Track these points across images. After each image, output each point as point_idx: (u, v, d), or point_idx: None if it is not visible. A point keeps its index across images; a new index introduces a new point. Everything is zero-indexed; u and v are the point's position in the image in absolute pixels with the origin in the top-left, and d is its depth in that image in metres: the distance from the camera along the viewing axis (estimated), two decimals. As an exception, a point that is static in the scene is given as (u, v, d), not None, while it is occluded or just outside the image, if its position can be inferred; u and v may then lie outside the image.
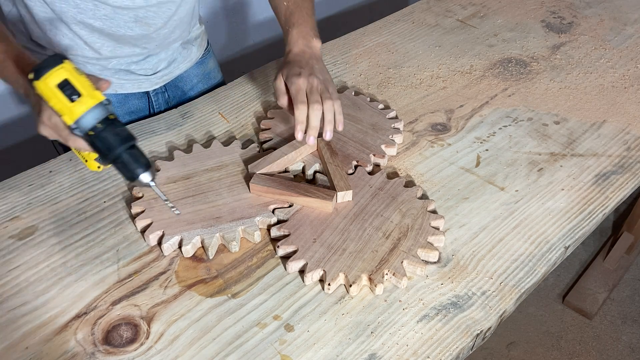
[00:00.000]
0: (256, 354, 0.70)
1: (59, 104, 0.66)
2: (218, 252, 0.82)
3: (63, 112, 0.67)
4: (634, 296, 1.86)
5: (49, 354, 0.70)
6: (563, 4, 1.44)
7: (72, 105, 0.66)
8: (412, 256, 0.80)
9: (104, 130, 0.68)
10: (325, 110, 0.87)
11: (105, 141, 0.68)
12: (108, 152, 0.69)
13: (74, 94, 0.66)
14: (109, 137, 0.68)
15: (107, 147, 0.68)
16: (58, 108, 0.67)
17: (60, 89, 0.66)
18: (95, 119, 0.67)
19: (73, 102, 0.66)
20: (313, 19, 0.99)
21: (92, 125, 0.67)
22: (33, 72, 0.66)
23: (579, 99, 1.13)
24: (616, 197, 0.93)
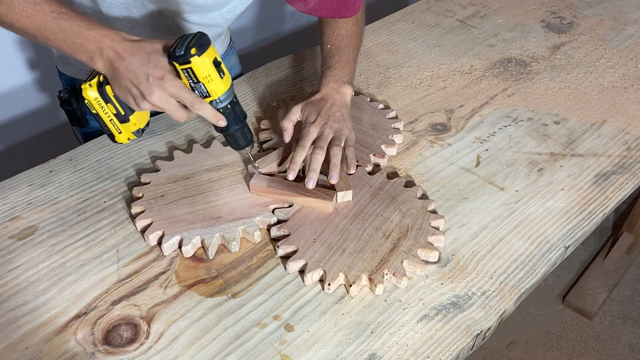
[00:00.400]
0: (256, 354, 0.70)
1: (211, 79, 0.74)
2: (218, 252, 0.82)
3: (212, 87, 0.75)
4: (634, 296, 1.86)
5: (49, 354, 0.70)
6: (563, 4, 1.44)
7: (221, 82, 0.76)
8: (412, 256, 0.80)
9: (233, 107, 0.79)
10: (330, 155, 0.87)
11: (232, 117, 0.80)
12: (230, 126, 0.81)
13: (221, 71, 0.75)
14: (236, 114, 0.80)
15: (232, 121, 0.80)
16: (207, 82, 0.74)
17: (215, 66, 0.74)
18: (231, 96, 0.78)
19: (222, 79, 0.75)
20: (352, 65, 1.00)
21: (229, 101, 0.78)
22: (194, 48, 0.72)
23: (579, 99, 1.13)
24: (616, 197, 0.93)
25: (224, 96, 0.77)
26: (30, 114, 1.51)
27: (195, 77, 0.74)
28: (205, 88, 0.75)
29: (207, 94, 0.76)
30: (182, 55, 0.72)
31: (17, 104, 1.47)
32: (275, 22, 1.93)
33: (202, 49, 0.72)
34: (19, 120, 1.50)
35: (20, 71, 1.44)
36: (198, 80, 0.74)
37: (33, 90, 1.49)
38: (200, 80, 0.74)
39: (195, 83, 0.75)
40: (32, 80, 1.46)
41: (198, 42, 0.72)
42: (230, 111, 0.79)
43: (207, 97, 0.76)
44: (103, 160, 0.95)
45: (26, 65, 1.44)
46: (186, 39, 0.73)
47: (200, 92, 0.76)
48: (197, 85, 0.75)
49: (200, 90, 0.75)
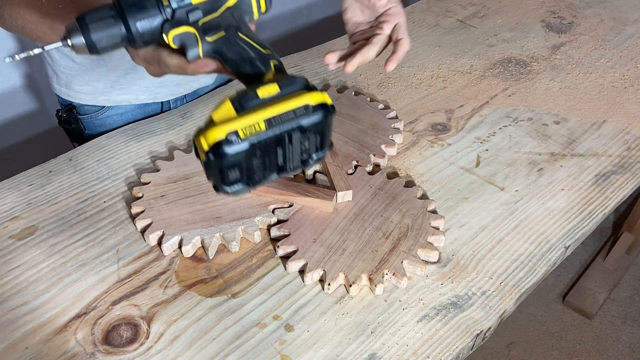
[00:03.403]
0: (256, 354, 0.70)
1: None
2: (218, 252, 0.82)
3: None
4: (634, 296, 1.86)
5: (49, 354, 0.70)
6: (563, 4, 1.44)
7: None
8: (412, 256, 0.80)
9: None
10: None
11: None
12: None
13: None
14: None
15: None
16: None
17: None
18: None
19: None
20: None
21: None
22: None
23: (579, 99, 1.13)
24: (616, 197, 0.93)
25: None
26: (30, 114, 1.51)
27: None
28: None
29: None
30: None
31: (17, 104, 1.48)
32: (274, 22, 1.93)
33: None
34: (18, 120, 1.50)
35: (20, 71, 1.44)
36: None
37: (33, 90, 1.49)
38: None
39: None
40: (31, 80, 1.47)
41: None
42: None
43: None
44: (103, 161, 0.95)
45: (26, 65, 1.44)
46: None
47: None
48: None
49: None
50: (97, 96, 1.05)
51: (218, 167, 0.51)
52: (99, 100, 1.05)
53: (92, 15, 0.58)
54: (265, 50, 0.58)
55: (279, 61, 0.59)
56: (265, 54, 0.58)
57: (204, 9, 0.59)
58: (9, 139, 1.51)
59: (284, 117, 0.51)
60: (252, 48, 0.58)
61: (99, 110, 1.07)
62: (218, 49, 0.59)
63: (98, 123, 1.07)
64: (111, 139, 1.00)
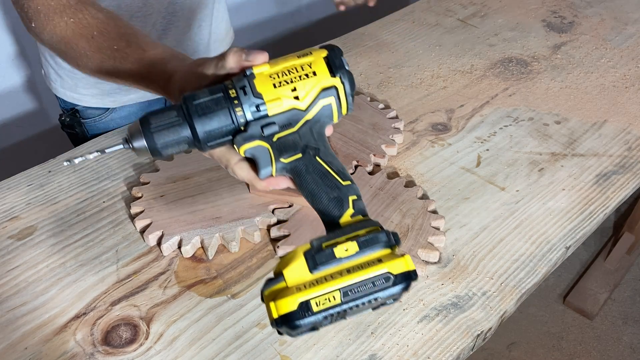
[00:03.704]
0: (256, 354, 0.70)
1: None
2: (218, 253, 0.82)
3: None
4: (635, 296, 1.85)
5: (49, 355, 0.69)
6: (564, 4, 1.44)
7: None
8: (412, 256, 0.79)
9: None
10: None
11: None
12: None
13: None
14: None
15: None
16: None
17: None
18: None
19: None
20: None
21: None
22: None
23: (580, 99, 1.13)
24: (617, 197, 0.92)
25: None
26: (30, 114, 1.51)
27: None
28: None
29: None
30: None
31: (16, 103, 1.47)
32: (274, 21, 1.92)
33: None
34: (18, 120, 1.50)
35: (20, 71, 1.43)
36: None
37: (32, 90, 1.48)
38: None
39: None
40: (31, 80, 1.46)
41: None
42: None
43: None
44: (102, 160, 0.95)
45: (26, 65, 1.44)
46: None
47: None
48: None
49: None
50: (104, 98, 1.04)
51: (286, 331, 0.46)
52: (106, 102, 1.05)
53: (157, 119, 0.53)
54: (344, 182, 0.53)
55: (358, 195, 0.53)
56: (344, 187, 0.52)
57: (280, 124, 0.53)
58: (8, 138, 1.51)
59: (362, 288, 0.45)
60: (330, 179, 0.53)
61: (103, 114, 1.07)
62: (293, 169, 0.54)
63: (101, 127, 1.07)
64: (110, 139, 1.00)
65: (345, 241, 0.47)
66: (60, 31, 0.70)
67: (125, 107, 1.07)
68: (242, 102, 0.53)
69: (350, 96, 0.55)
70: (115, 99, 1.05)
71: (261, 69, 0.53)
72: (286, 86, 0.53)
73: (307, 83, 0.53)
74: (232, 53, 0.56)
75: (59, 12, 0.70)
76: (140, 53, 0.66)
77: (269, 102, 0.53)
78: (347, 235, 0.48)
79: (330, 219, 0.51)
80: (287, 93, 0.53)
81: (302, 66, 0.54)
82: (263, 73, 0.53)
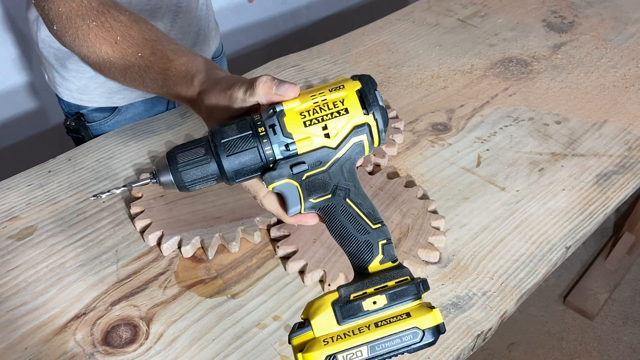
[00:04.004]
0: (256, 354, 0.70)
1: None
2: (218, 253, 0.82)
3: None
4: (635, 297, 1.85)
5: (48, 355, 0.69)
6: (564, 4, 1.44)
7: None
8: (412, 256, 0.79)
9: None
10: None
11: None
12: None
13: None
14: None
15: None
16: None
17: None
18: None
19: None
20: None
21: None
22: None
23: (580, 99, 1.13)
24: (617, 197, 0.92)
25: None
26: (30, 114, 1.51)
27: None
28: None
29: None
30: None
31: (16, 103, 1.47)
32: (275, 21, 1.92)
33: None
34: (18, 120, 1.50)
35: (20, 71, 1.43)
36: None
37: (33, 90, 1.48)
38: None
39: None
40: (32, 80, 1.46)
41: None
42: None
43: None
44: (102, 160, 0.95)
45: (26, 65, 1.44)
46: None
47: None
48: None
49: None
50: (113, 96, 1.05)
51: None
52: (115, 100, 1.05)
53: (184, 156, 0.53)
54: (374, 226, 0.51)
55: (387, 239, 0.51)
56: (374, 230, 0.51)
57: (310, 162, 0.52)
58: (8, 138, 1.51)
59: (389, 342, 0.45)
60: (360, 222, 0.51)
61: (108, 117, 1.07)
62: (322, 209, 0.53)
63: (106, 129, 1.07)
64: (110, 139, 1.00)
65: (374, 293, 0.46)
66: (82, 35, 0.68)
67: (130, 108, 1.07)
68: (272, 141, 0.51)
69: (383, 132, 0.53)
70: (123, 95, 1.05)
71: (291, 104, 0.52)
72: (317, 124, 0.51)
73: (339, 121, 0.51)
74: (262, 84, 0.53)
75: (82, 15, 0.68)
76: (165, 62, 0.64)
77: (298, 141, 0.51)
78: (375, 286, 0.47)
79: (359, 264, 0.50)
80: (318, 132, 0.52)
81: (334, 102, 0.51)
82: (293, 110, 0.51)
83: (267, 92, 0.53)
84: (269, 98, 0.53)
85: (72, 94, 1.05)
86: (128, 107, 1.07)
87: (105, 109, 1.06)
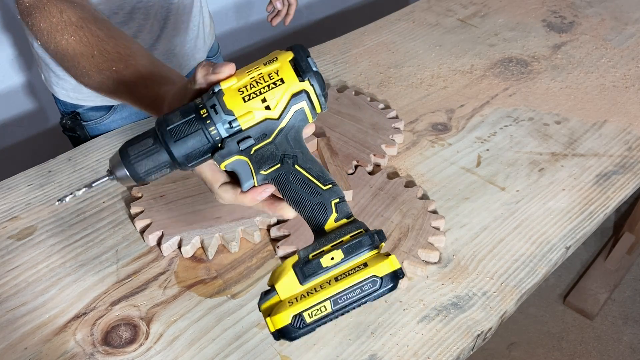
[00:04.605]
0: (256, 354, 0.70)
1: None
2: (218, 253, 0.81)
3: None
4: (635, 297, 1.85)
5: (48, 355, 0.69)
6: (564, 4, 1.44)
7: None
8: (412, 256, 0.79)
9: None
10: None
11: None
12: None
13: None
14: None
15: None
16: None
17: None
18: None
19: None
20: None
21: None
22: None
23: (580, 99, 1.13)
24: (617, 197, 0.92)
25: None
26: (30, 114, 1.51)
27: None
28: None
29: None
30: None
31: (16, 103, 1.47)
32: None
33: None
34: (18, 120, 1.50)
35: (20, 71, 1.43)
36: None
37: (32, 90, 1.48)
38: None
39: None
40: (31, 80, 1.46)
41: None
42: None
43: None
44: (102, 160, 0.95)
45: (26, 65, 1.44)
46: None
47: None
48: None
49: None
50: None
51: (285, 340, 0.49)
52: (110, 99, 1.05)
53: (134, 148, 0.55)
54: (325, 187, 0.53)
55: (340, 197, 0.53)
56: (325, 191, 0.53)
57: (255, 136, 0.53)
58: (8, 138, 1.51)
59: (351, 294, 0.48)
60: (311, 185, 0.53)
61: (104, 115, 1.07)
62: (274, 179, 0.55)
63: (103, 128, 1.07)
64: (110, 139, 1.00)
65: (330, 250, 0.48)
66: (62, 49, 0.70)
67: (126, 107, 1.07)
68: (215, 120, 0.53)
69: (322, 96, 0.54)
70: None
71: (229, 83, 0.53)
72: (256, 98, 0.53)
73: (276, 92, 0.52)
74: (200, 68, 0.55)
75: (61, 29, 0.70)
76: (137, 75, 0.66)
77: (240, 117, 0.53)
78: (332, 242, 0.49)
79: (315, 225, 0.52)
80: (258, 105, 0.53)
81: (270, 74, 0.53)
82: (231, 88, 0.53)
83: (205, 75, 0.54)
84: (208, 79, 0.55)
85: (67, 93, 1.05)
86: (124, 105, 1.07)
87: (101, 107, 1.06)
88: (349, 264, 0.48)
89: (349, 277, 0.48)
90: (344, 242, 0.49)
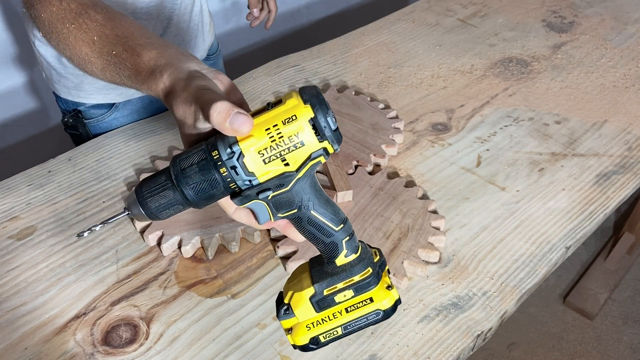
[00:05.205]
0: (256, 354, 0.70)
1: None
2: (218, 253, 0.81)
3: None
4: (635, 297, 1.85)
5: (48, 355, 0.69)
6: (564, 4, 1.44)
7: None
8: (412, 256, 0.79)
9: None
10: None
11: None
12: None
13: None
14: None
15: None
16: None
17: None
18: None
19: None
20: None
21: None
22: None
23: (580, 99, 1.13)
24: (617, 197, 0.92)
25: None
26: (30, 114, 1.51)
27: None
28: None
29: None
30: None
31: (16, 103, 1.47)
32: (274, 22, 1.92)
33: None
34: (18, 120, 1.50)
35: (20, 71, 1.43)
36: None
37: (33, 90, 1.48)
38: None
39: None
40: (31, 80, 1.46)
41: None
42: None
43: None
44: (102, 160, 0.95)
45: (26, 65, 1.43)
46: None
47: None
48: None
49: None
50: (110, 92, 1.04)
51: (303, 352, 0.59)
52: (112, 96, 1.05)
53: (149, 187, 0.55)
54: (337, 228, 0.57)
55: (349, 234, 0.57)
56: (337, 232, 0.56)
57: (273, 186, 0.54)
58: (8, 138, 1.51)
59: (358, 322, 0.57)
60: (324, 228, 0.57)
61: (105, 113, 1.07)
62: (291, 219, 0.57)
63: (104, 126, 1.07)
64: (110, 139, 1.00)
65: (343, 288, 0.56)
66: (63, 38, 0.70)
67: (127, 105, 1.07)
68: (235, 179, 0.53)
69: (338, 148, 0.56)
70: (121, 92, 1.05)
71: (247, 141, 0.52)
72: (276, 160, 0.53)
73: (297, 154, 0.53)
74: (217, 114, 0.52)
75: (61, 18, 0.70)
76: (135, 58, 0.65)
77: (260, 176, 0.54)
78: (344, 281, 0.56)
79: (327, 257, 0.57)
80: (278, 165, 0.54)
81: (290, 137, 0.52)
82: (251, 149, 0.52)
83: (221, 123, 0.53)
84: (222, 129, 0.53)
85: (69, 91, 1.05)
86: (125, 103, 1.07)
87: (102, 105, 1.06)
88: (358, 298, 0.57)
89: (357, 310, 0.57)
90: (354, 281, 0.56)
